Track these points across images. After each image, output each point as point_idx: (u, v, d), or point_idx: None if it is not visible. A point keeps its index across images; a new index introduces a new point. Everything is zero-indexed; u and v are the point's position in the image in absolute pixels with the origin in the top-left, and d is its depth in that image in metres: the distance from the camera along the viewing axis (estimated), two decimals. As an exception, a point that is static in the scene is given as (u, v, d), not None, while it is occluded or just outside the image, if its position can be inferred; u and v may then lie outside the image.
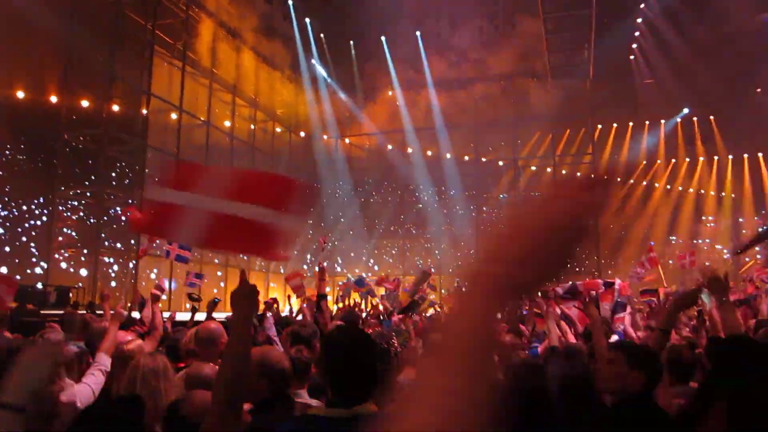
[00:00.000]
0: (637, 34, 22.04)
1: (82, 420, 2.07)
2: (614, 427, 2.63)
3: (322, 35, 23.19)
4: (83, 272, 15.73)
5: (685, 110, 23.79)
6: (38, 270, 15.12)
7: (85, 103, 16.00)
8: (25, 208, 15.12)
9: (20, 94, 14.80)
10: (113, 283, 16.29)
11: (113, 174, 17.06)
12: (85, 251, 16.03)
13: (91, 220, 16.22)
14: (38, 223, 15.43)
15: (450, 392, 0.71)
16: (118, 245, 16.73)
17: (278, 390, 3.03)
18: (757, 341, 3.23)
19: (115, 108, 16.22)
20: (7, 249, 14.53)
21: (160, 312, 6.07)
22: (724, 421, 2.49)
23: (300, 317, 7.87)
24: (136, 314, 6.97)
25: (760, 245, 9.97)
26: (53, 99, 15.60)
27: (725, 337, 4.02)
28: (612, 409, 2.74)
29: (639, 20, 21.34)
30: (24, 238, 15.02)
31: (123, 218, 16.18)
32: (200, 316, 6.92)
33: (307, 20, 22.67)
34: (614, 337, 6.33)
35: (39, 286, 13.81)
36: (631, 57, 22.68)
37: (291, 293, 10.38)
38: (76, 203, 16.49)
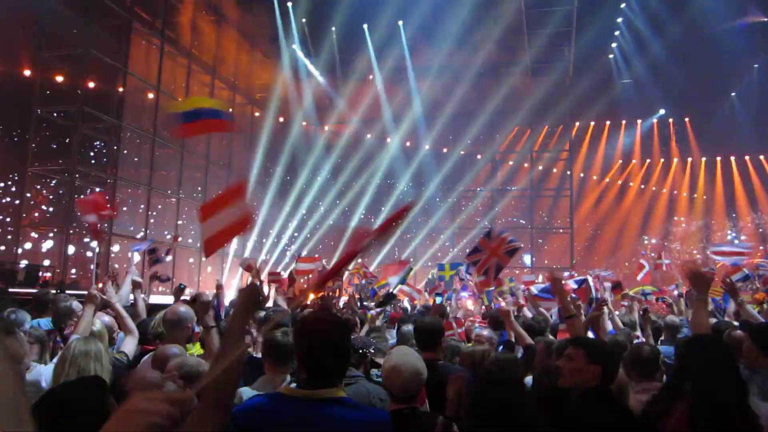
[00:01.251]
0: (617, 33, 22.19)
1: (43, 401, 2.04)
2: (575, 419, 2.70)
3: (303, 20, 22.93)
4: (54, 251, 15.45)
5: (662, 111, 24.08)
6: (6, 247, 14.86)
7: (59, 79, 15.65)
8: (-5, 183, 14.84)
9: (-8, 67, 14.44)
10: (92, 266, 15.99)
11: (90, 153, 16.75)
12: (56, 230, 15.76)
13: (65, 199, 15.80)
14: (9, 200, 15.17)
15: None
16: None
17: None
18: (725, 342, 3.31)
19: (91, 85, 15.86)
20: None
21: (141, 299, 6.04)
22: (686, 421, 2.54)
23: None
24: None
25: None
26: (26, 73, 15.23)
27: (692, 336, 4.11)
28: (574, 402, 2.80)
29: (619, 20, 21.47)
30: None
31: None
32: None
33: (289, 5, 22.40)
34: (589, 334, 6.38)
35: (22, 265, 13.54)
36: (611, 56, 22.85)
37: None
38: (49, 180, 16.18)
